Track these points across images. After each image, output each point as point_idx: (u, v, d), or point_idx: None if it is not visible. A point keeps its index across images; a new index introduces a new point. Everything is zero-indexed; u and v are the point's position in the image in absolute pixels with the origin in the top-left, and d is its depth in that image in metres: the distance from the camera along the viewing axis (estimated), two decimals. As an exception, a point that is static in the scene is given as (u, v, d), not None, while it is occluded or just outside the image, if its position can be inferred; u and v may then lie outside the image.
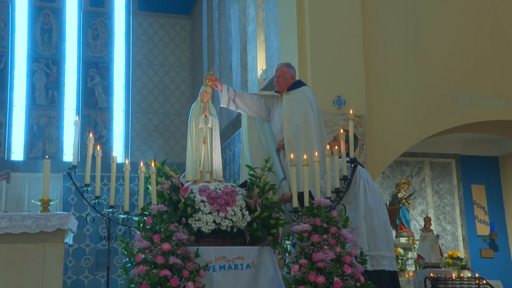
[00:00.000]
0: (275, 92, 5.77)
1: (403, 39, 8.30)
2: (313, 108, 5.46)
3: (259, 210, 4.83)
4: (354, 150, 5.10)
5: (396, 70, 8.20)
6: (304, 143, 5.35)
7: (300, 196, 4.77)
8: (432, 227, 11.86)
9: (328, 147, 4.90)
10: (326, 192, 4.83)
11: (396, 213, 11.90)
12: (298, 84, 5.70)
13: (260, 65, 12.77)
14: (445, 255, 11.94)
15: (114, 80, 17.68)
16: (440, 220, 12.75)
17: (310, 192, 4.86)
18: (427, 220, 11.51)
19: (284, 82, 5.69)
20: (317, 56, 7.63)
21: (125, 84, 17.72)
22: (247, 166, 5.23)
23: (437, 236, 11.32)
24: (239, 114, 13.27)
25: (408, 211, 12.40)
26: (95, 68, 17.46)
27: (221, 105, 5.84)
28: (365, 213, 5.08)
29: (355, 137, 5.48)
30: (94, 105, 17.25)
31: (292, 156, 4.80)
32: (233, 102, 5.72)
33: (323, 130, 5.54)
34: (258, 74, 12.78)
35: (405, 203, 12.33)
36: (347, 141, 5.09)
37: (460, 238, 12.70)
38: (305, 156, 4.78)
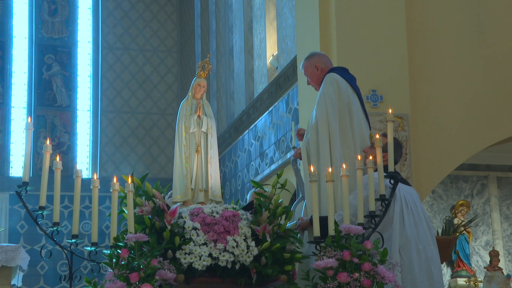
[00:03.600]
0: None
1: (461, 13, 8.31)
2: (326, 100, 5.46)
3: (269, 240, 4.86)
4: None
5: (451, 55, 8.20)
6: (312, 152, 5.38)
7: (323, 221, 4.80)
8: (501, 264, 11.83)
9: (359, 157, 4.93)
10: (358, 216, 4.85)
11: (451, 245, 11.86)
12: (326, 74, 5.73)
13: (270, 49, 12.82)
14: (519, 301, 11.90)
15: (78, 70, 17.78)
16: None
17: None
18: (494, 254, 11.48)
19: (313, 78, 5.74)
20: (345, 37, 7.66)
21: (93, 75, 17.82)
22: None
23: (508, 276, 11.28)
24: (243, 115, 13.34)
25: (468, 243, 12.37)
26: (53, 53, 17.57)
27: None
28: (400, 246, 5.10)
29: (397, 143, 5.50)
30: (51, 103, 17.36)
31: (312, 168, 4.83)
32: None
33: (348, 133, 5.52)
34: (268, 61, 12.82)
35: (464, 231, 12.30)
36: (385, 150, 5.12)
37: (539, 279, 12.67)
38: (330, 169, 4.81)
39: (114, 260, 4.52)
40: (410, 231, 5.15)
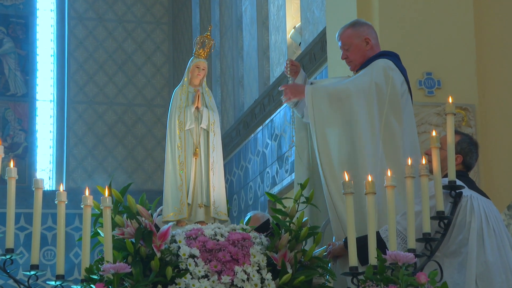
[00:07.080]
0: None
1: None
2: (377, 90, 5.49)
3: (290, 271, 4.87)
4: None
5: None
6: (358, 156, 5.42)
7: (362, 245, 4.81)
8: None
9: (409, 161, 4.95)
10: (408, 240, 4.87)
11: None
12: (377, 57, 5.76)
13: (291, 20, 12.84)
14: None
15: (38, 48, 17.85)
16: None
17: (379, 234, 4.89)
18: None
19: (357, 53, 5.76)
20: (390, 2, 7.68)
21: (57, 55, 17.88)
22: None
23: None
24: (255, 106, 13.36)
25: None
26: (4, 26, 17.66)
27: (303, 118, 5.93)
28: (478, 276, 5.11)
29: (471, 142, 5.53)
30: (2, 91, 17.44)
31: (346, 177, 4.84)
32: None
33: (395, 134, 5.55)
34: (288, 35, 12.84)
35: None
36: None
37: None
38: (369, 178, 4.82)
39: (86, 298, 4.55)
40: (493, 257, 5.16)
